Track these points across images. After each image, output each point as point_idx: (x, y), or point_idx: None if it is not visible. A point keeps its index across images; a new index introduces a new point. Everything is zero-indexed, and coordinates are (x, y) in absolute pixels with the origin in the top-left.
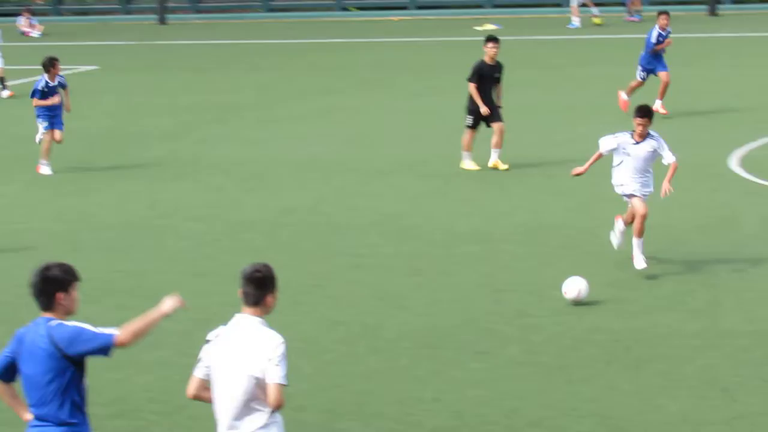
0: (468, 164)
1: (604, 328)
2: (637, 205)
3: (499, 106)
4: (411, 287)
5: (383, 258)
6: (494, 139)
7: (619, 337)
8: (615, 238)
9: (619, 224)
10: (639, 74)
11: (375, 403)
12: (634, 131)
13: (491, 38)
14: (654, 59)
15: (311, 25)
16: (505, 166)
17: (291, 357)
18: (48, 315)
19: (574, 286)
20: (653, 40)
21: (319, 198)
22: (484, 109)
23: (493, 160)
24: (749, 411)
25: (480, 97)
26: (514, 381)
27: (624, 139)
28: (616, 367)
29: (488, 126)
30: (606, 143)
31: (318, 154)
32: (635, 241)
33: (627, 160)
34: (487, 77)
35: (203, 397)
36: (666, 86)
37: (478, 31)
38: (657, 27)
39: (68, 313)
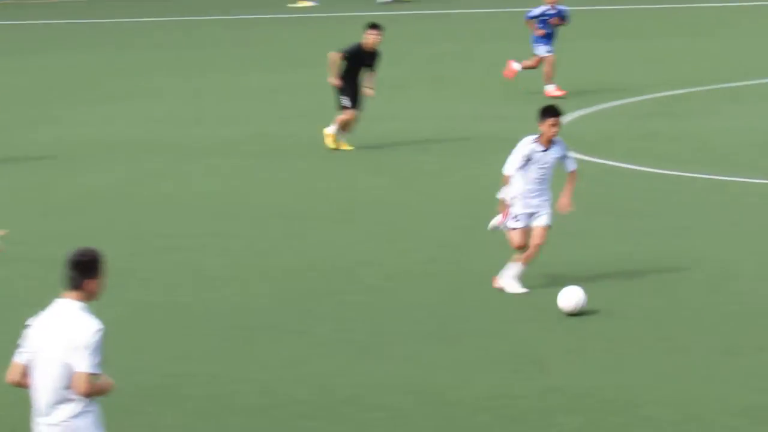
0: (331, 131)
1: (419, 304)
2: (534, 234)
3: (370, 90)
4: (224, 267)
5: (195, 238)
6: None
7: (433, 312)
8: (511, 284)
9: (515, 268)
10: (540, 51)
11: (187, 384)
12: (540, 135)
13: (374, 25)
14: (541, 38)
15: (125, 3)
16: (350, 147)
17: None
18: None
19: (573, 297)
20: (534, 13)
21: (131, 179)
22: (331, 81)
23: (337, 137)
24: (561, 383)
25: (346, 79)
26: (327, 359)
27: (531, 146)
28: (430, 342)
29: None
30: (514, 163)
31: (130, 134)
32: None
33: (529, 169)
34: (359, 62)
35: (24, 383)
36: (550, 67)
37: (294, 8)
38: (544, 4)
39: None
